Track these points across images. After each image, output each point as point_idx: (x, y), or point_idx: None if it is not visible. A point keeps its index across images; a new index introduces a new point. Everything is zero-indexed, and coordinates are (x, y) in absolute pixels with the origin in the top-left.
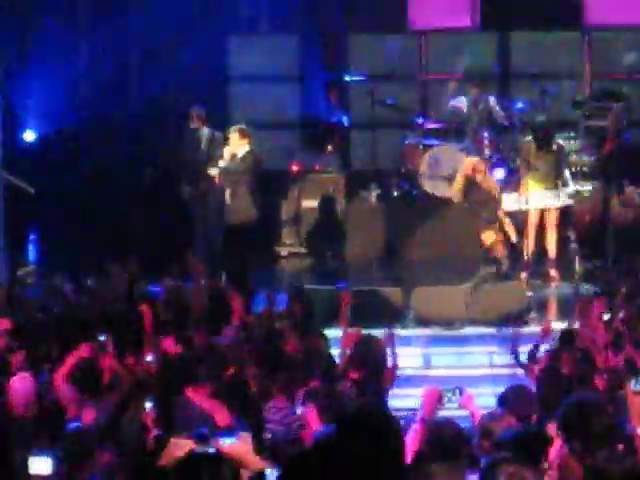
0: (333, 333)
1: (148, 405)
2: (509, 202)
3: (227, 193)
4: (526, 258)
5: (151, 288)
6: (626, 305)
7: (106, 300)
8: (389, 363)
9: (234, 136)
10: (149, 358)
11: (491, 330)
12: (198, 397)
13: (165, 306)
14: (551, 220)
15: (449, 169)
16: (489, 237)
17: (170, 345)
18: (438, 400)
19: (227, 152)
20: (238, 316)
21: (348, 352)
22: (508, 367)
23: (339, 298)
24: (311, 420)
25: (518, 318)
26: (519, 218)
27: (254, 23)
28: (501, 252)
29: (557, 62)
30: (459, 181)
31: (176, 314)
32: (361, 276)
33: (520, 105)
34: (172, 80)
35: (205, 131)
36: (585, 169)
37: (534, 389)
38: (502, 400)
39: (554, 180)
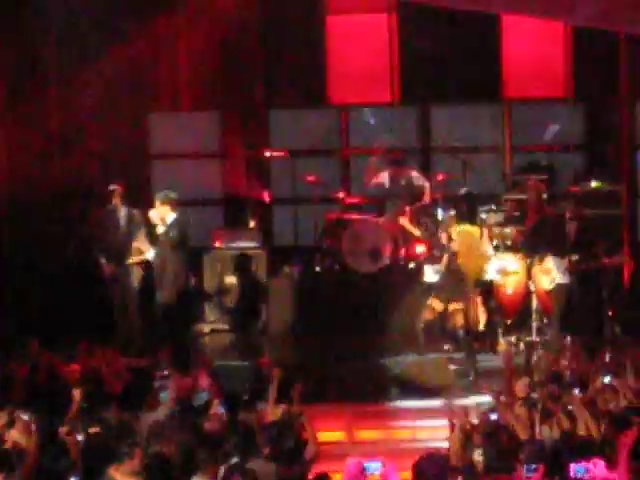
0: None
1: None
2: (431, 275)
3: (157, 263)
4: (452, 331)
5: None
6: (547, 381)
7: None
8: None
9: (163, 202)
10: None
11: (415, 404)
12: (121, 475)
13: (83, 386)
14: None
15: (370, 244)
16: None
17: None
18: (360, 472)
19: (157, 219)
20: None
21: (266, 428)
22: (431, 441)
23: (267, 374)
24: None
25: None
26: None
27: (174, 101)
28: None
29: (478, 135)
30: None
31: (95, 393)
32: (284, 351)
33: (441, 179)
34: (93, 159)
35: (122, 210)
36: (508, 242)
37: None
38: (417, 469)
39: (476, 255)
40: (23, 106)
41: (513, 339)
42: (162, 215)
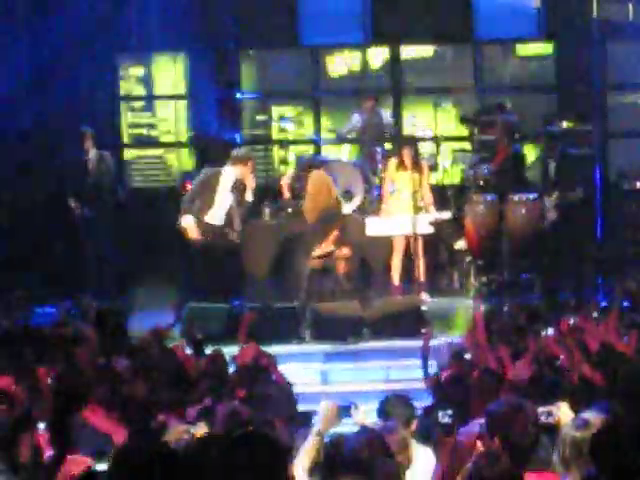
0: (230, 350)
1: (41, 426)
2: (372, 227)
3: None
4: (396, 283)
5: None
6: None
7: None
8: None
9: (243, 161)
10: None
11: (386, 344)
12: (95, 416)
13: (57, 330)
14: (414, 246)
15: (344, 185)
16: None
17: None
18: (334, 415)
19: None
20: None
21: (236, 370)
22: (404, 382)
23: (240, 316)
24: None
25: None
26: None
27: (144, 41)
28: (343, 269)
29: (448, 76)
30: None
31: (70, 339)
32: (256, 293)
33: (412, 118)
34: (62, 98)
35: (93, 152)
36: (481, 183)
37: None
38: (383, 411)
39: (415, 204)
40: None
41: (484, 279)
42: (244, 176)
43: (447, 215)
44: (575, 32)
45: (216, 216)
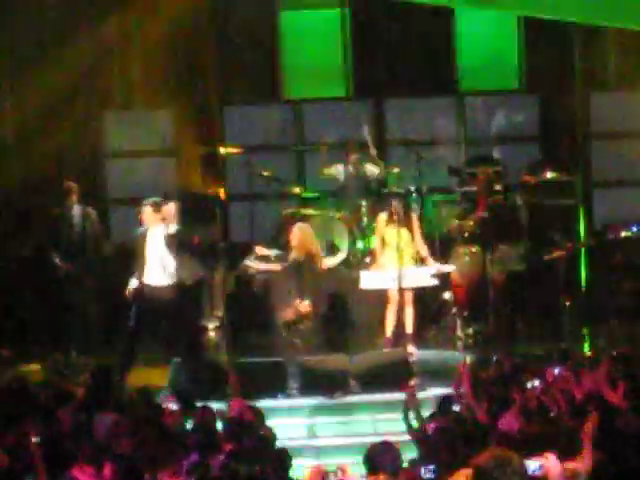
0: (216, 406)
1: None
2: (366, 280)
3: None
4: (388, 335)
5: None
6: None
7: None
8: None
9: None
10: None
11: (373, 397)
12: (84, 475)
13: (44, 387)
14: (407, 297)
15: (327, 238)
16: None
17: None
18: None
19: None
20: None
21: (223, 424)
22: (393, 434)
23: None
24: None
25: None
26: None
27: (128, 99)
28: (305, 324)
29: (432, 128)
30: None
31: (56, 396)
32: (242, 347)
33: (396, 171)
34: (49, 158)
35: (77, 208)
36: (466, 234)
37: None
38: (369, 460)
39: (410, 257)
40: None
41: (471, 331)
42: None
43: (450, 268)
44: (558, 83)
45: (154, 276)
